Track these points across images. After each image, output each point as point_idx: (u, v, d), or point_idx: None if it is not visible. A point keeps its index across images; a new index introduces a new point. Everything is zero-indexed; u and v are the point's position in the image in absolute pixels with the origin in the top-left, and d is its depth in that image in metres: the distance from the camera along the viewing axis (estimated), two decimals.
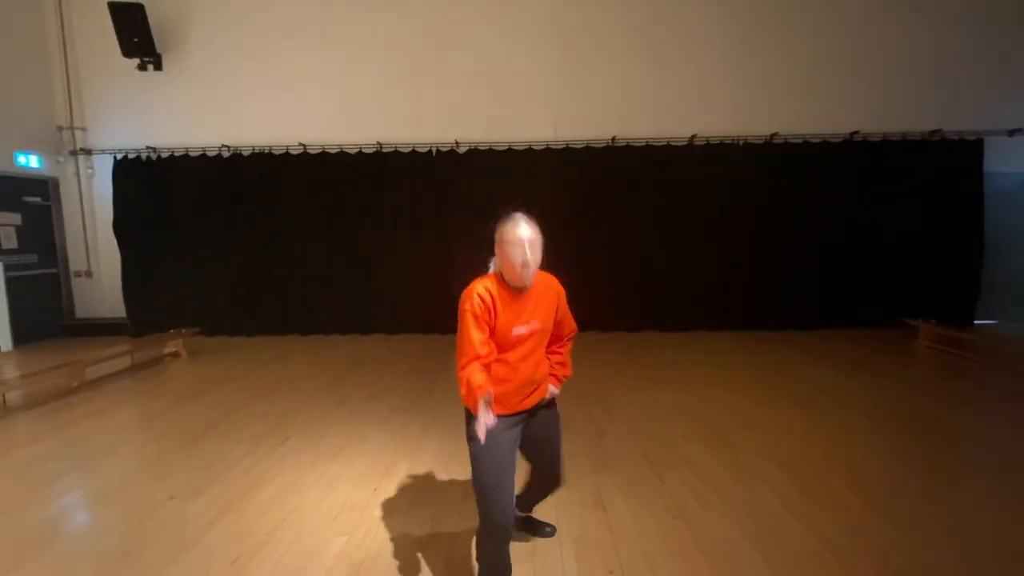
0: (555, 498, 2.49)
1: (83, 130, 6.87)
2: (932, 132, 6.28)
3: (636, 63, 6.47)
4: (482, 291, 1.73)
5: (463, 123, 6.56)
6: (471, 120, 6.56)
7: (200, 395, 4.35)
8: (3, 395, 4.13)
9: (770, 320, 6.37)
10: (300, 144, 6.57)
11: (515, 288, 1.77)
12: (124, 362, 5.29)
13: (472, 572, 2.02)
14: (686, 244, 6.39)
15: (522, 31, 6.49)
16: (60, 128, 6.82)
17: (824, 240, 6.33)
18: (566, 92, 6.53)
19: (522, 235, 1.68)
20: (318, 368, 5.14)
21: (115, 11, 6.21)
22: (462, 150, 6.57)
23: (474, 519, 1.80)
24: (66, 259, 7.01)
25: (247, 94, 6.68)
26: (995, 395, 4.12)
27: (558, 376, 2.01)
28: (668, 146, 6.41)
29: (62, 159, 6.85)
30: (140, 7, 6.25)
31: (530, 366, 1.84)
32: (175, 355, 5.67)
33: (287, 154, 6.58)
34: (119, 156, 6.64)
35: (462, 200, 6.46)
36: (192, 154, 6.64)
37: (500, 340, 1.77)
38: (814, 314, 6.36)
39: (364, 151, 6.57)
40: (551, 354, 2.01)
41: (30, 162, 6.50)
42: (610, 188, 6.39)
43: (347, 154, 6.56)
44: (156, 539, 2.33)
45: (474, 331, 1.70)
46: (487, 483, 1.72)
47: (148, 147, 6.65)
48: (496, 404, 1.68)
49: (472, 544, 2.09)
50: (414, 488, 2.74)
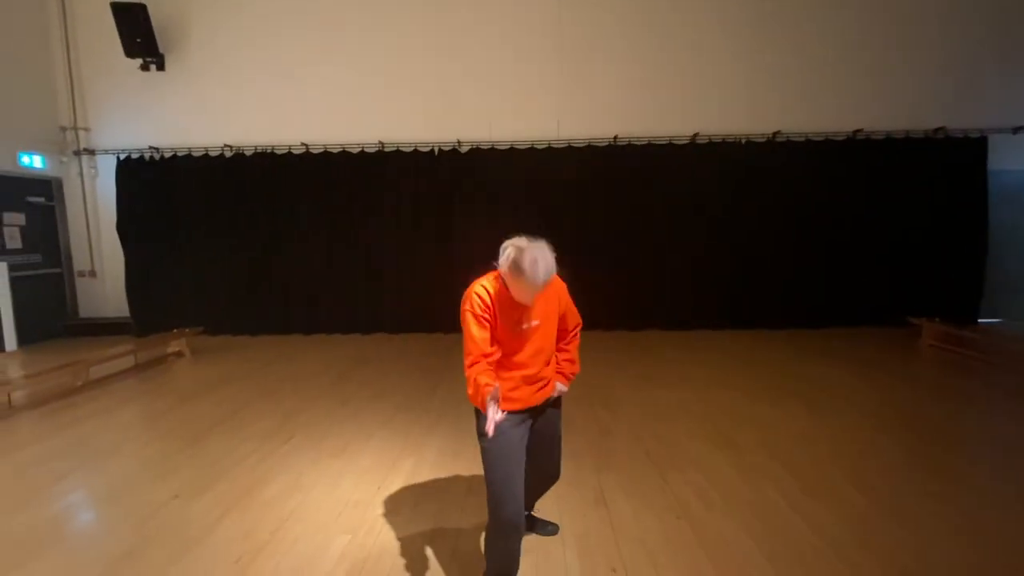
0: (557, 496, 2.50)
1: (86, 130, 6.89)
2: (936, 130, 6.26)
3: (638, 62, 6.45)
4: (481, 291, 1.75)
5: (465, 122, 6.55)
6: (473, 119, 6.55)
7: (204, 394, 4.36)
8: (8, 394, 4.15)
9: (773, 318, 6.35)
10: (302, 144, 6.58)
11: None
12: (128, 361, 5.31)
13: (477, 569, 2.01)
14: (689, 243, 6.38)
15: (524, 29, 6.48)
16: (63, 128, 6.84)
17: (827, 238, 6.30)
18: (568, 91, 6.52)
19: (537, 282, 1.63)
20: (322, 367, 5.14)
21: (118, 11, 6.23)
22: (464, 149, 6.57)
23: (479, 516, 1.81)
24: (70, 259, 7.04)
25: (249, 94, 6.69)
26: (999, 393, 4.10)
27: (566, 374, 2.01)
28: (670, 144, 6.40)
29: (65, 159, 6.87)
30: (143, 7, 6.27)
31: (537, 363, 1.85)
32: (179, 354, 5.69)
33: (289, 154, 6.59)
34: (122, 156, 6.66)
35: (464, 199, 6.47)
36: (195, 154, 6.65)
37: (503, 338, 1.78)
38: (817, 312, 6.34)
39: (366, 150, 6.57)
40: (559, 351, 2.01)
41: (34, 162, 6.52)
42: (612, 187, 6.38)
43: (349, 154, 6.57)
44: (160, 538, 2.33)
45: (477, 330, 1.71)
46: (497, 478, 1.74)
47: (151, 147, 6.67)
48: (504, 401, 1.69)
49: (480, 540, 2.09)
50: (418, 486, 2.74)
